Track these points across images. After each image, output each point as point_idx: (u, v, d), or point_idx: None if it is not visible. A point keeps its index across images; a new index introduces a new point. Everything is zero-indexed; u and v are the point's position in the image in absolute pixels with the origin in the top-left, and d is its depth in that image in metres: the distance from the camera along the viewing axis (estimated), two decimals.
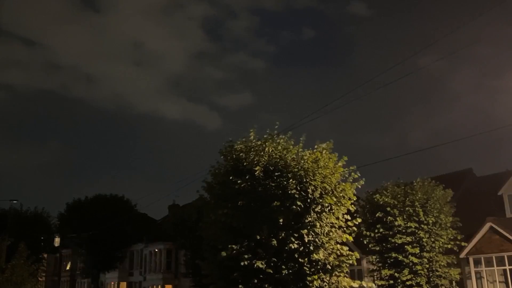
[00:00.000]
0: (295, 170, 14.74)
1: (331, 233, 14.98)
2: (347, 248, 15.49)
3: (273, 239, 14.21)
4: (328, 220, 14.88)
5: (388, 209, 21.81)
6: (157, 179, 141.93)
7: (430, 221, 21.54)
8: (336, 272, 14.81)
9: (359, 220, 15.73)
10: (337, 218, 15.13)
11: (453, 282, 21.85)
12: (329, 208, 14.96)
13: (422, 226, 21.43)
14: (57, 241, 46.50)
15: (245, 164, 15.10)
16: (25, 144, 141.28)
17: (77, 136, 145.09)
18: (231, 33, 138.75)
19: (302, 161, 14.98)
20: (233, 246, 14.33)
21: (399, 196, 22.07)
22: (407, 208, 21.62)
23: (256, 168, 14.67)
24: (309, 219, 14.54)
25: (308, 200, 14.56)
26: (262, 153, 15.15)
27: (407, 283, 20.92)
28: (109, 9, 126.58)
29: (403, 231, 21.39)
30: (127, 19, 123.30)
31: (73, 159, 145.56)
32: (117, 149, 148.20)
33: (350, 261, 15.25)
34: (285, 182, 14.51)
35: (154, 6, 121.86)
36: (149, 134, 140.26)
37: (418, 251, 21.13)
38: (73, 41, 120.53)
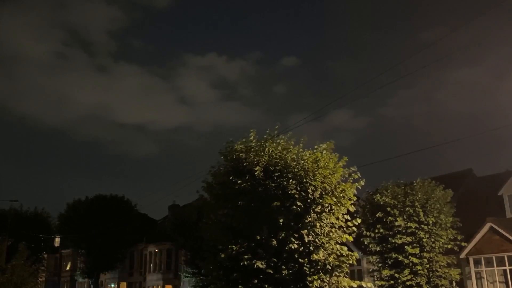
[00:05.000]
0: (295, 170, 14.73)
1: (331, 233, 14.97)
2: (347, 248, 15.48)
3: (273, 239, 14.20)
4: (328, 220, 14.86)
5: (388, 209, 21.80)
6: (157, 179, 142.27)
7: (430, 221, 21.53)
8: (336, 273, 14.80)
9: (359, 220, 15.72)
10: (337, 219, 15.12)
11: (453, 282, 21.84)
12: (329, 208, 14.95)
13: (422, 226, 21.42)
14: (57, 241, 46.54)
15: (245, 164, 15.09)
16: None
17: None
18: None
19: (302, 161, 14.97)
20: (233, 246, 14.32)
21: (399, 196, 22.06)
22: (407, 208, 21.61)
23: (256, 168, 14.66)
24: (309, 219, 14.53)
25: (308, 200, 14.55)
26: (262, 153, 15.14)
27: (407, 283, 20.91)
28: None
29: (403, 231, 21.38)
30: None
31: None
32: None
33: (350, 262, 15.24)
34: (285, 182, 14.50)
35: None
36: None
37: (418, 251, 21.12)
38: None
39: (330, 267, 14.61)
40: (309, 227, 14.47)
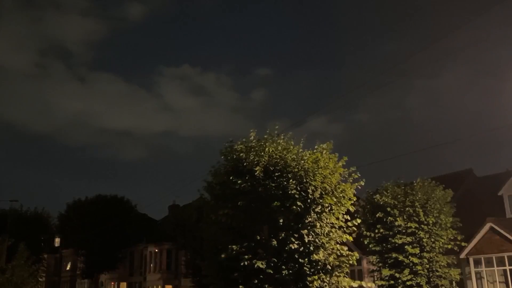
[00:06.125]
0: (295, 170, 14.75)
1: (331, 233, 14.99)
2: (347, 248, 15.49)
3: (273, 239, 14.22)
4: (328, 220, 14.88)
5: (388, 209, 21.80)
6: (157, 179, 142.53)
7: (430, 221, 21.53)
8: (336, 273, 14.81)
9: (359, 220, 15.74)
10: (337, 219, 15.14)
11: (453, 282, 21.84)
12: (329, 208, 14.97)
13: (422, 226, 21.43)
14: (57, 241, 46.59)
15: (245, 164, 15.11)
16: None
17: None
18: None
19: (302, 162, 14.98)
20: (233, 246, 14.34)
21: (399, 196, 22.06)
22: (407, 209, 21.61)
23: (256, 169, 14.67)
24: (309, 219, 14.55)
25: (308, 200, 14.57)
26: (262, 153, 15.16)
27: (407, 283, 20.91)
28: None
29: (403, 231, 21.39)
30: None
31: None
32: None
33: (350, 262, 15.26)
34: (285, 183, 14.52)
35: None
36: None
37: (418, 251, 21.12)
38: None
39: (330, 267, 14.64)
40: (309, 227, 14.49)
